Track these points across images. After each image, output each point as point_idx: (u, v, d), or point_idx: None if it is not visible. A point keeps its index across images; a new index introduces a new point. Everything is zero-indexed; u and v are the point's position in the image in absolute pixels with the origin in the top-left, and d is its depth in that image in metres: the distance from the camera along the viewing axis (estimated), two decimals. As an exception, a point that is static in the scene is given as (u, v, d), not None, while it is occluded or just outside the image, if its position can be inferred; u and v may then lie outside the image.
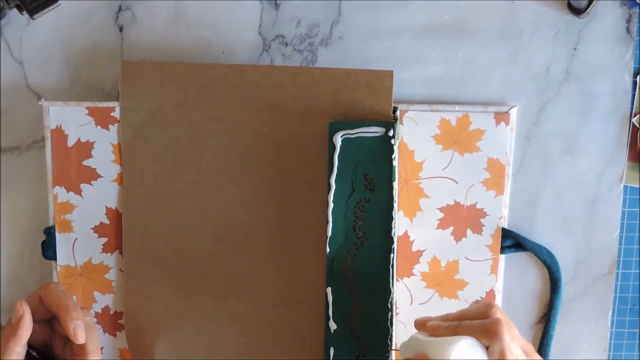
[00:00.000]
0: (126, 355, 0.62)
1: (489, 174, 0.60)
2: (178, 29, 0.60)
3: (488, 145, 0.59)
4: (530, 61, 0.60)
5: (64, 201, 0.60)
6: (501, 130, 0.59)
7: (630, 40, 0.60)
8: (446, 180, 0.60)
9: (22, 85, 0.60)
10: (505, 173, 0.60)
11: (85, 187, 0.60)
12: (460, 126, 0.59)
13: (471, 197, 0.60)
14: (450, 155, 0.60)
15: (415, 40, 0.60)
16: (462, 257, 0.61)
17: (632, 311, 0.64)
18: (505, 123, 0.59)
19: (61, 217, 0.60)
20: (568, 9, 0.59)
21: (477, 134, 0.59)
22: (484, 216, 0.60)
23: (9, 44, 0.60)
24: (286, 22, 0.60)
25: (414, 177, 0.60)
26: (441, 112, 0.59)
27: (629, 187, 0.62)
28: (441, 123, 0.59)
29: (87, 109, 0.59)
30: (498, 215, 0.60)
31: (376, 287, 0.57)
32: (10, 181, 0.62)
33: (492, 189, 0.60)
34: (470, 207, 0.60)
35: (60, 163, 0.59)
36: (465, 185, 0.60)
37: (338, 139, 0.56)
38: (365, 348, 0.57)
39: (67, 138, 0.59)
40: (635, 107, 0.61)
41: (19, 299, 0.63)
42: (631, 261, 0.63)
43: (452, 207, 0.60)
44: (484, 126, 0.59)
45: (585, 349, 0.63)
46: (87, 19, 0.60)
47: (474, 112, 0.59)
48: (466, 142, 0.59)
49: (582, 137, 0.61)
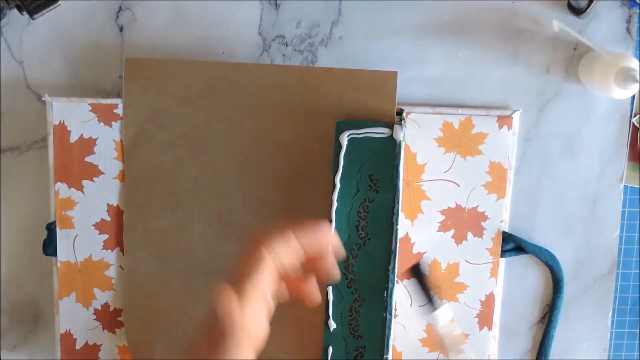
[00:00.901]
0: (125, 352, 0.62)
1: (491, 178, 0.60)
2: (178, 29, 0.60)
3: (490, 149, 0.59)
4: (530, 61, 0.60)
5: (66, 197, 0.60)
6: (504, 134, 0.59)
7: (630, 40, 0.60)
8: (448, 183, 0.60)
9: (22, 85, 0.60)
10: (507, 177, 0.60)
11: (87, 183, 0.60)
12: (463, 129, 0.59)
13: (472, 200, 0.60)
14: (452, 158, 0.60)
15: (415, 40, 0.60)
16: (462, 260, 0.60)
17: (632, 311, 0.64)
18: (508, 127, 0.59)
19: (62, 213, 0.60)
20: (568, 9, 0.59)
21: (480, 137, 0.59)
22: (485, 219, 0.60)
23: (9, 44, 0.60)
24: (286, 22, 0.60)
25: (416, 179, 0.60)
26: (444, 114, 0.59)
27: (629, 187, 0.62)
28: (444, 126, 0.59)
29: (90, 105, 0.59)
30: (499, 219, 0.60)
31: (376, 287, 0.57)
32: (10, 181, 0.62)
33: (494, 193, 0.60)
34: (471, 210, 0.60)
35: (63, 159, 0.59)
36: (467, 188, 0.60)
37: (345, 138, 0.56)
38: (363, 348, 0.57)
39: (69, 134, 0.59)
40: (635, 107, 0.61)
41: (19, 298, 0.64)
42: (631, 261, 0.63)
43: (454, 209, 0.60)
44: (486, 130, 0.59)
45: (585, 349, 0.63)
46: (87, 19, 0.60)
47: (476, 115, 0.59)
48: (468, 145, 0.59)
49: (582, 137, 0.61)
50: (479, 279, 0.61)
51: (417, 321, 0.61)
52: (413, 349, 0.61)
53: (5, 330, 0.63)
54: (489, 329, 0.61)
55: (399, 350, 0.61)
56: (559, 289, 0.61)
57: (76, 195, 0.60)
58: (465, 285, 0.61)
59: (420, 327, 0.61)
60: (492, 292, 0.61)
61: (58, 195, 0.60)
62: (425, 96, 0.60)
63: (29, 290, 0.63)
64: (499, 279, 0.61)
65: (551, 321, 0.61)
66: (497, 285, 0.61)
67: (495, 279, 0.61)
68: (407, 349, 0.61)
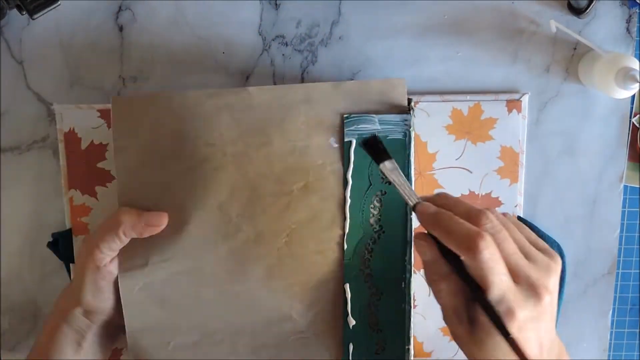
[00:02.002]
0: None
1: (503, 163, 0.60)
2: (178, 29, 0.60)
3: (501, 134, 0.59)
4: (530, 61, 0.60)
5: (80, 204, 0.60)
6: (513, 118, 0.59)
7: (630, 40, 0.60)
8: (460, 170, 0.60)
9: (22, 85, 0.60)
10: (519, 161, 0.60)
11: (100, 189, 0.60)
12: (472, 115, 0.59)
13: (486, 186, 0.60)
14: (463, 145, 0.60)
15: (415, 40, 0.60)
16: None
17: (632, 311, 0.64)
18: (517, 110, 0.59)
19: (78, 220, 0.60)
20: (568, 9, 0.59)
21: (490, 122, 0.59)
22: (499, 205, 0.60)
23: (9, 44, 0.60)
24: (286, 22, 0.60)
25: (428, 168, 0.60)
26: (453, 102, 0.59)
27: (629, 187, 0.62)
28: (453, 113, 0.59)
29: (99, 111, 0.59)
30: (513, 203, 0.60)
31: (394, 279, 0.55)
32: (10, 181, 0.62)
33: (507, 177, 0.60)
34: (485, 196, 0.60)
35: (75, 166, 0.59)
36: (480, 174, 0.60)
37: (354, 133, 0.54)
38: (384, 342, 0.56)
39: (80, 141, 0.59)
40: (635, 107, 0.61)
41: (19, 298, 0.64)
42: (631, 261, 0.63)
43: (467, 196, 0.60)
44: (496, 114, 0.59)
45: (585, 349, 0.63)
46: (87, 19, 0.60)
47: (485, 100, 0.59)
48: (479, 131, 0.59)
49: (582, 137, 0.61)
50: None
51: (437, 310, 0.60)
52: (434, 338, 0.61)
53: (5, 330, 0.63)
54: None
55: (419, 341, 0.61)
56: (561, 288, 0.61)
57: (90, 202, 0.60)
58: None
59: (440, 316, 0.60)
60: None
61: (72, 202, 0.60)
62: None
63: (29, 290, 0.63)
64: None
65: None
66: None
67: None
68: (427, 338, 0.61)
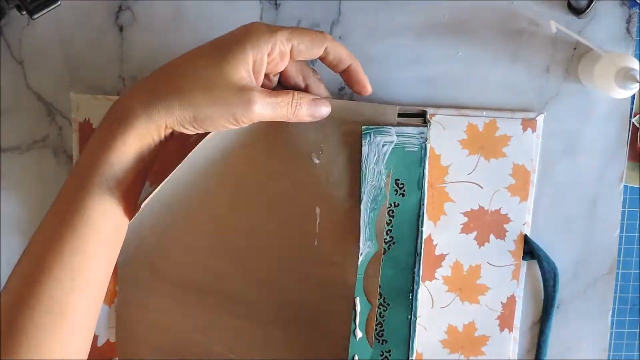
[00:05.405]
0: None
1: (514, 180, 0.60)
2: (178, 29, 0.60)
3: (514, 151, 0.59)
4: (530, 61, 0.60)
5: None
6: (528, 137, 0.59)
7: (630, 40, 0.60)
8: (471, 185, 0.60)
9: (22, 85, 0.60)
10: (530, 179, 0.60)
11: None
12: (487, 131, 0.59)
13: (495, 202, 0.60)
14: (476, 160, 0.60)
15: (415, 40, 0.60)
16: (484, 262, 0.60)
17: (632, 311, 0.64)
18: (532, 129, 0.59)
19: None
20: (568, 9, 0.59)
21: (504, 139, 0.59)
22: (507, 222, 0.60)
23: (9, 44, 0.60)
24: (286, 22, 0.60)
25: (440, 181, 0.60)
26: (469, 117, 0.59)
27: (629, 187, 0.62)
28: (468, 128, 0.59)
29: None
30: (522, 221, 0.60)
31: (401, 290, 0.56)
32: (10, 181, 0.62)
33: (517, 195, 0.60)
34: (494, 212, 0.60)
35: None
36: (490, 190, 0.60)
37: (370, 146, 0.54)
38: (388, 352, 0.56)
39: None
40: (635, 107, 0.61)
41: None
42: (631, 261, 0.63)
43: (477, 212, 0.60)
44: (510, 132, 0.59)
45: (585, 349, 0.63)
46: (87, 19, 0.60)
47: (501, 117, 0.59)
48: (492, 148, 0.59)
49: (582, 137, 0.61)
50: (501, 281, 0.61)
51: (439, 322, 0.61)
52: (434, 350, 0.61)
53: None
54: (510, 331, 0.61)
55: (419, 352, 0.61)
56: (553, 292, 0.61)
57: None
58: (487, 287, 0.61)
59: (442, 329, 0.61)
60: (513, 294, 0.61)
61: None
62: (425, 96, 0.60)
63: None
64: (521, 281, 0.61)
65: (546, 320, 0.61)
66: (518, 287, 0.61)
67: (517, 281, 0.61)
68: (427, 350, 0.61)
